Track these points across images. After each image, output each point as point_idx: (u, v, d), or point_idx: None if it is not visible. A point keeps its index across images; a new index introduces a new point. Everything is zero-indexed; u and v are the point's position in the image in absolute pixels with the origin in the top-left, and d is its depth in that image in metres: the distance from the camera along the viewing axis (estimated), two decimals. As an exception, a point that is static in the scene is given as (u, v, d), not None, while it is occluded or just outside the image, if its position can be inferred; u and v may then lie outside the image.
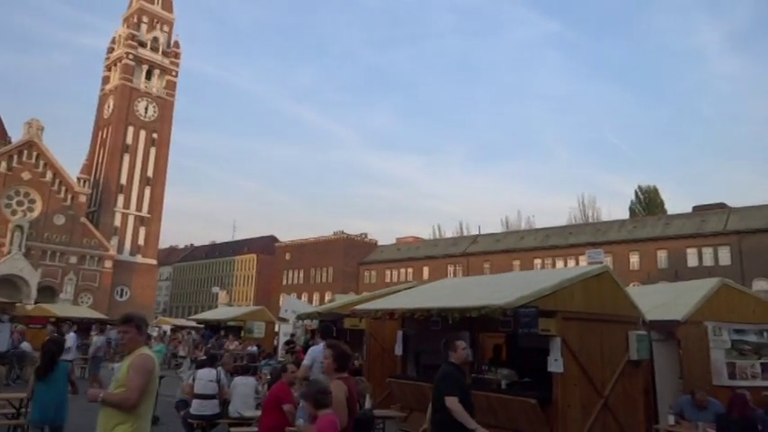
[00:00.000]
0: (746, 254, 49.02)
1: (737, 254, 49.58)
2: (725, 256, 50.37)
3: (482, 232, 74.83)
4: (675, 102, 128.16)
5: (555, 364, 8.26)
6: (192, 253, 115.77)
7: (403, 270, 73.25)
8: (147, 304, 68.58)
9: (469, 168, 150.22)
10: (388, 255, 78.61)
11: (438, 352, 11.79)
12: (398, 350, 11.53)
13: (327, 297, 64.37)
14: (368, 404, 7.71)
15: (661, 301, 11.01)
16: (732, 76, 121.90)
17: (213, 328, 25.45)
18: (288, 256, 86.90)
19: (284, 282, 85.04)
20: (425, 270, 69.48)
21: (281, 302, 37.99)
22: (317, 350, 6.40)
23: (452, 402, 5.10)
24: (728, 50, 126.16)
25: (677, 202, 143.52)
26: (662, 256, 54.00)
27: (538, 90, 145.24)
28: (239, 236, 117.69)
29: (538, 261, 59.89)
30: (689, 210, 59.02)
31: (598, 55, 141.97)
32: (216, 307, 53.89)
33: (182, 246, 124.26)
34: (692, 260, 51.85)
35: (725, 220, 52.38)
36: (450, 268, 67.64)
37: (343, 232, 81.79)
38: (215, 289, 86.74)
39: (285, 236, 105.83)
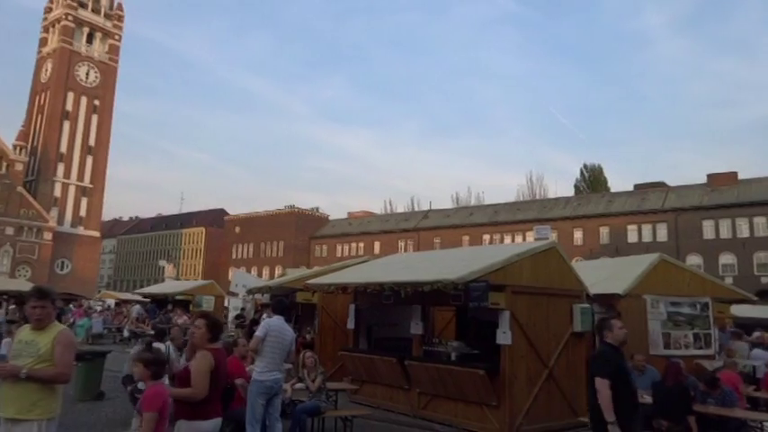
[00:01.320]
0: (682, 231, 51.47)
1: (674, 230, 51.98)
2: (662, 233, 52.72)
3: (433, 208, 75.63)
4: (621, 83, 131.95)
5: (503, 336, 8.51)
6: (138, 225, 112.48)
7: (354, 245, 73.45)
8: (90, 278, 66.52)
9: (422, 144, 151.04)
10: (339, 229, 78.53)
11: (390, 325, 12.03)
12: (351, 324, 11.62)
13: (278, 271, 64.07)
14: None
15: (603, 276, 11.45)
16: (675, 58, 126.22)
17: (160, 302, 24.96)
18: (238, 230, 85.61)
19: (234, 256, 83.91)
20: (377, 245, 69.88)
21: (230, 277, 37.52)
22: (272, 323, 6.36)
23: (601, 384, 4.74)
24: (672, 34, 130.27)
25: (620, 181, 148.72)
26: (604, 232, 56.05)
27: (491, 67, 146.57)
28: (187, 208, 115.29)
29: (487, 237, 61.12)
30: (630, 188, 61.24)
31: (551, 35, 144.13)
32: (163, 281, 52.76)
33: (126, 218, 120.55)
34: (632, 236, 54.05)
35: (663, 199, 54.68)
36: (402, 243, 68.28)
37: (294, 206, 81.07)
38: (162, 262, 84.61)
39: (235, 209, 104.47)
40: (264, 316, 12.08)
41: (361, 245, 72.20)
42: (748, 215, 48.98)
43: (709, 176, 54.45)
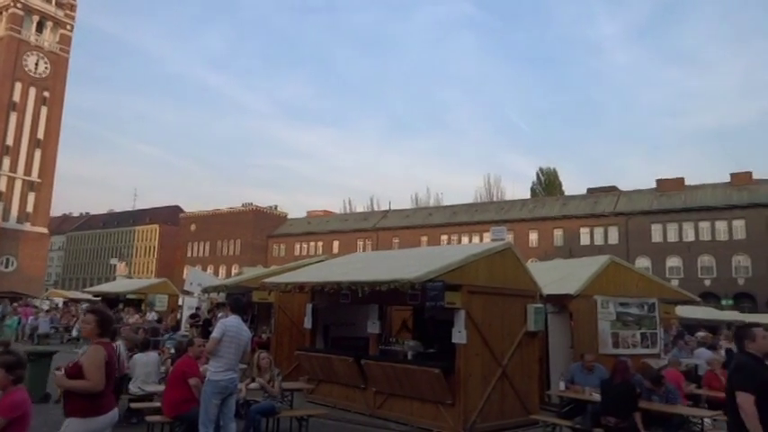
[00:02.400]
0: (632, 234, 53.23)
1: (624, 233, 53.69)
2: (614, 236, 54.39)
3: (392, 208, 75.94)
4: (576, 89, 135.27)
5: (459, 335, 8.63)
6: (88, 222, 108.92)
7: (313, 244, 73.09)
8: (37, 276, 64.00)
9: (382, 144, 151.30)
10: (298, 228, 77.97)
11: (347, 324, 12.03)
12: (307, 323, 11.56)
13: (235, 270, 63.02)
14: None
15: (557, 277, 11.75)
16: (627, 67, 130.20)
17: (111, 301, 24.28)
18: (193, 228, 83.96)
19: (189, 254, 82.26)
20: (336, 244, 69.70)
21: (185, 275, 36.77)
22: (229, 323, 6.28)
23: (745, 400, 4.16)
24: (624, 43, 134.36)
25: (574, 184, 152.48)
26: (558, 234, 57.46)
27: (451, 69, 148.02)
28: (140, 205, 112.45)
29: (445, 237, 61.74)
30: (584, 191, 62.94)
31: (508, 40, 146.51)
32: (114, 279, 51.29)
33: (76, 214, 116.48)
34: (584, 239, 55.57)
35: (615, 203, 56.43)
36: (360, 243, 68.31)
37: (251, 204, 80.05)
38: (113, 260, 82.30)
39: (190, 206, 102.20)
40: (220, 315, 11.91)
41: (320, 244, 71.89)
42: (694, 220, 51.02)
43: (658, 182, 56.45)
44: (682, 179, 55.56)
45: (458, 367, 8.57)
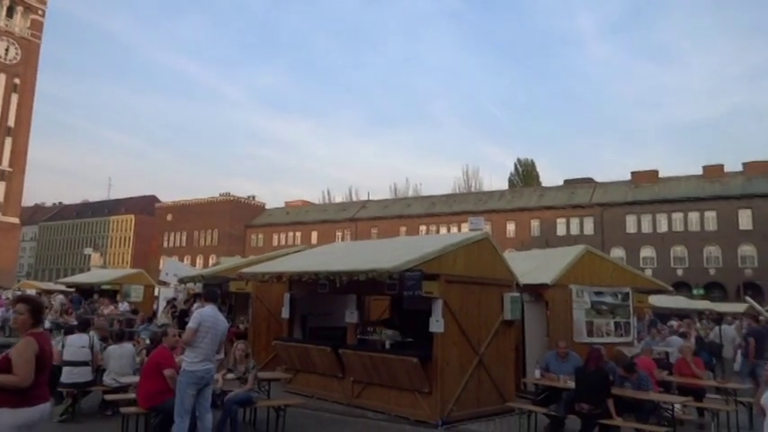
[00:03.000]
0: (607, 224, 54.07)
1: (600, 224, 54.51)
2: (589, 227, 55.19)
3: (371, 198, 75.93)
4: (553, 81, 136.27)
5: (436, 324, 8.68)
6: (61, 212, 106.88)
7: (291, 234, 72.78)
8: (8, 267, 62.64)
9: (360, 134, 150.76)
10: (276, 218, 77.54)
11: (325, 314, 12.00)
12: (285, 313, 11.53)
13: (212, 260, 62.58)
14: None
15: (533, 266, 11.88)
16: (603, 59, 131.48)
17: (85, 292, 23.92)
18: (169, 218, 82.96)
19: (165, 244, 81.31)
20: (314, 234, 69.50)
21: (161, 265, 36.33)
22: (205, 313, 6.22)
23: None
24: (602, 36, 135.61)
25: (551, 175, 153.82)
26: (535, 225, 58.10)
27: (430, 60, 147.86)
28: (115, 195, 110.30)
29: (423, 228, 61.98)
30: (561, 183, 63.66)
31: (487, 31, 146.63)
32: (88, 270, 50.48)
33: (49, 203, 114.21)
34: (561, 229, 56.29)
35: (591, 194, 57.20)
36: (339, 233, 68.22)
37: (229, 194, 79.34)
38: (87, 250, 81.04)
39: (166, 196, 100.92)
40: (196, 305, 11.80)
41: (298, 234, 71.64)
42: (667, 211, 51.99)
43: (633, 174, 57.36)
44: (656, 171, 56.51)
45: (435, 356, 8.63)
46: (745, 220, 48.95)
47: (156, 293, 23.19)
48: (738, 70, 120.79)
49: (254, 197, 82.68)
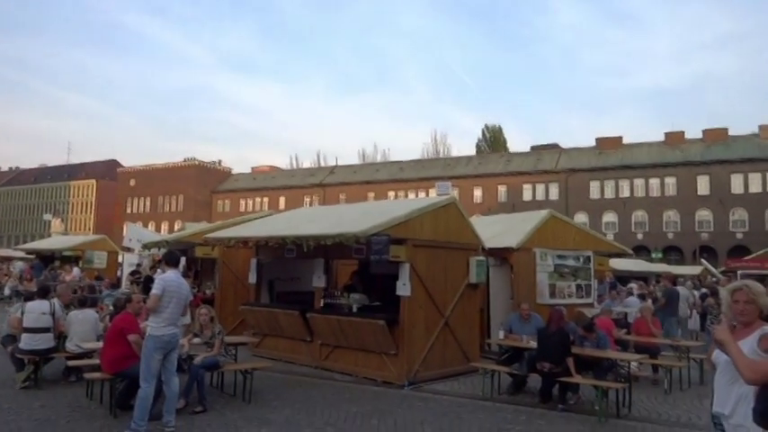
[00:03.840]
0: (572, 190, 55.06)
1: (565, 190, 55.47)
2: (554, 192, 56.13)
3: (339, 164, 75.48)
4: (522, 47, 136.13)
5: (403, 288, 8.78)
6: (18, 177, 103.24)
7: (258, 199, 72.11)
8: (-37, 233, 60.62)
9: (329, 99, 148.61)
10: (243, 183, 76.57)
11: (293, 279, 12.00)
12: (252, 278, 11.49)
13: (177, 226, 61.55)
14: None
15: (499, 231, 12.05)
16: (573, 26, 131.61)
17: (46, 258, 23.39)
18: (132, 183, 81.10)
19: (128, 210, 79.67)
20: (282, 200, 69.01)
21: (124, 232, 35.62)
22: (168, 278, 6.14)
23: None
24: (571, 1, 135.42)
25: (518, 142, 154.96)
26: (502, 190, 58.78)
27: (400, 24, 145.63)
28: (75, 159, 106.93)
29: (392, 193, 62.05)
30: (527, 149, 64.27)
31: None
32: (48, 236, 49.18)
33: (5, 168, 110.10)
34: (527, 194, 57.11)
35: (557, 160, 57.96)
36: (307, 198, 67.85)
37: (194, 159, 77.77)
38: (47, 216, 78.66)
39: (129, 161, 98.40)
40: (159, 271, 11.64)
41: (266, 200, 71.02)
42: (630, 177, 53.15)
43: (598, 140, 58.20)
44: (620, 138, 57.45)
45: (402, 319, 8.75)
46: (703, 185, 50.44)
47: (120, 260, 22.81)
48: (702, 39, 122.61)
49: (220, 162, 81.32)
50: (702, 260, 35.55)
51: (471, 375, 9.36)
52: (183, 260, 12.94)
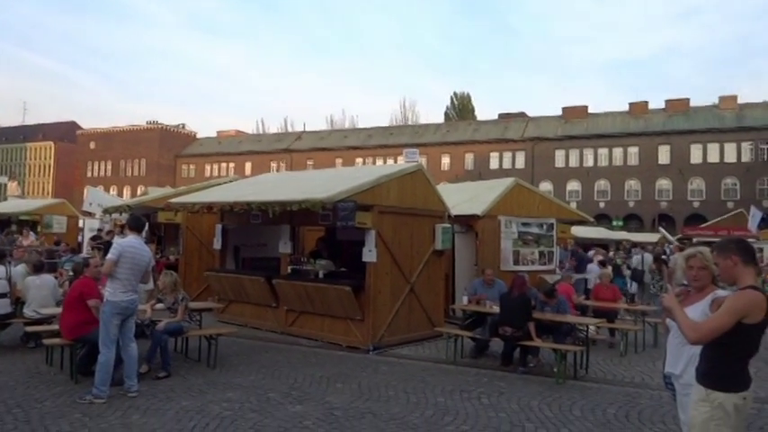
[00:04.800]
0: (538, 158, 55.71)
1: (531, 158, 56.08)
2: (521, 160, 56.70)
3: (307, 129, 74.54)
4: (492, 14, 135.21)
5: (369, 254, 8.82)
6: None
7: (224, 164, 70.94)
8: None
9: (297, 63, 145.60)
10: (208, 148, 75.07)
11: (259, 245, 11.93)
12: (217, 244, 11.38)
13: (140, 191, 60.24)
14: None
15: (465, 198, 12.16)
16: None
17: (2, 222, 22.64)
18: (93, 146, 78.66)
19: (89, 174, 77.43)
20: (248, 165, 68.02)
21: (85, 196, 34.71)
22: (126, 242, 6.01)
23: None
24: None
25: (486, 109, 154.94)
26: (469, 158, 59.09)
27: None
28: (31, 120, 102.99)
29: (359, 160, 61.77)
30: (495, 117, 64.45)
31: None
32: (5, 200, 47.57)
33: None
34: (494, 163, 57.55)
35: (523, 128, 58.39)
36: (274, 164, 67.03)
37: (157, 122, 75.71)
38: (2, 179, 75.88)
39: (89, 123, 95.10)
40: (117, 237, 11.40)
41: (232, 165, 69.91)
42: (594, 146, 54.00)
43: (564, 109, 58.71)
44: (585, 107, 58.06)
45: (368, 285, 8.81)
46: (663, 155, 51.61)
47: (80, 225, 22.26)
48: (668, 11, 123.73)
49: (183, 126, 79.33)
50: (660, 228, 36.64)
51: (435, 340, 9.53)
52: (145, 225, 12.72)
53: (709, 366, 3.02)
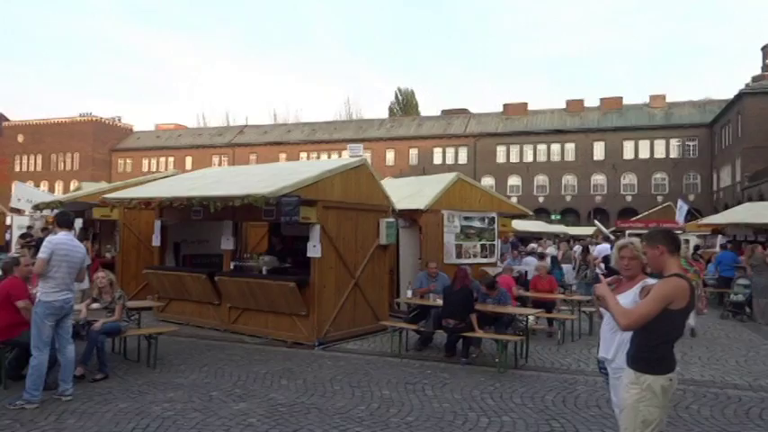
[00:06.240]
0: (480, 154, 56.87)
1: (473, 154, 57.19)
2: (464, 156, 57.72)
3: (249, 123, 73.24)
4: (437, 10, 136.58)
5: (313, 249, 8.78)
6: None
7: (163, 159, 68.83)
8: None
9: (239, 56, 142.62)
10: (146, 142, 72.58)
11: (200, 241, 11.67)
12: (156, 241, 11.06)
13: (73, 186, 57.72)
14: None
15: (408, 193, 12.28)
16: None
17: None
18: (21, 139, 74.56)
19: (17, 168, 73.36)
20: (189, 160, 66.29)
21: (12, 191, 32.94)
22: (58, 240, 5.75)
23: None
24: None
25: (430, 105, 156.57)
26: (413, 153, 59.64)
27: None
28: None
29: (304, 154, 61.28)
30: (438, 113, 65.31)
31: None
32: None
33: None
34: (437, 158, 58.34)
35: (466, 124, 59.44)
36: (216, 159, 65.61)
37: (91, 114, 72.51)
38: None
39: (16, 114, 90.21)
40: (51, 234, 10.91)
41: (171, 160, 67.94)
42: (533, 142, 55.60)
43: (505, 106, 60.10)
44: (525, 104, 59.63)
45: (312, 280, 8.78)
46: (598, 151, 53.72)
47: (8, 222, 21.11)
48: (604, 11, 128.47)
49: (119, 118, 76.32)
50: (595, 221, 38.13)
51: (380, 333, 9.62)
52: (79, 222, 12.20)
53: (638, 350, 3.19)
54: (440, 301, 8.46)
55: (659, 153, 52.19)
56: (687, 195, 46.30)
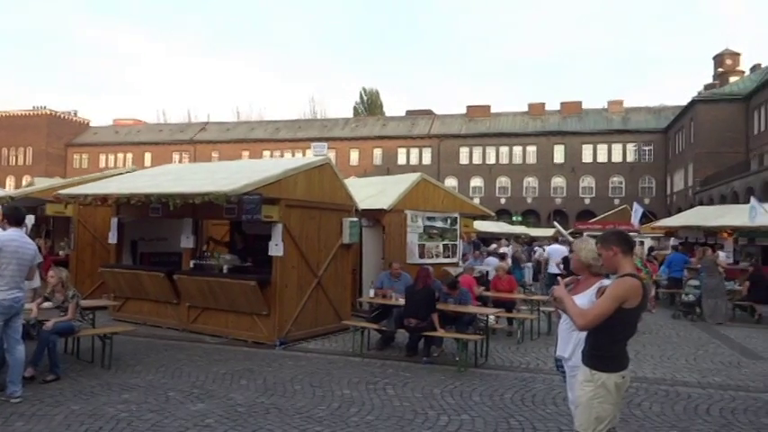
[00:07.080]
0: (443, 155, 57.39)
1: (437, 155, 57.65)
2: (427, 157, 58.14)
3: (212, 120, 72.07)
4: (401, 10, 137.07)
5: (275, 248, 8.70)
6: None
7: (121, 155, 67.15)
8: None
9: (200, 52, 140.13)
10: (103, 137, 70.65)
11: (159, 240, 11.42)
12: (113, 238, 10.78)
13: (25, 181, 55.76)
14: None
15: (372, 193, 12.29)
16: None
17: None
18: (-30, 132, 71.65)
19: (-35, 162, 70.49)
20: (148, 156, 64.84)
21: (-41, 186, 31.57)
22: (6, 237, 5.53)
23: None
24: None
25: (395, 106, 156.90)
26: (377, 153, 59.76)
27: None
28: None
29: (267, 152, 60.65)
30: (403, 113, 65.57)
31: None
32: None
33: None
34: (401, 158, 58.59)
35: (430, 125, 59.88)
36: (176, 156, 64.35)
37: (45, 108, 70.13)
38: None
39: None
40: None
41: (130, 156, 66.33)
42: (496, 144, 56.39)
43: (468, 108, 60.79)
44: (488, 106, 60.44)
45: (274, 279, 8.69)
46: (558, 154, 54.90)
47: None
48: (567, 16, 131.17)
49: (75, 113, 74.06)
50: (555, 223, 38.89)
51: (342, 333, 9.60)
52: (31, 218, 11.79)
53: (592, 349, 3.27)
54: (402, 301, 8.50)
55: (616, 157, 53.66)
56: (642, 198, 47.78)
